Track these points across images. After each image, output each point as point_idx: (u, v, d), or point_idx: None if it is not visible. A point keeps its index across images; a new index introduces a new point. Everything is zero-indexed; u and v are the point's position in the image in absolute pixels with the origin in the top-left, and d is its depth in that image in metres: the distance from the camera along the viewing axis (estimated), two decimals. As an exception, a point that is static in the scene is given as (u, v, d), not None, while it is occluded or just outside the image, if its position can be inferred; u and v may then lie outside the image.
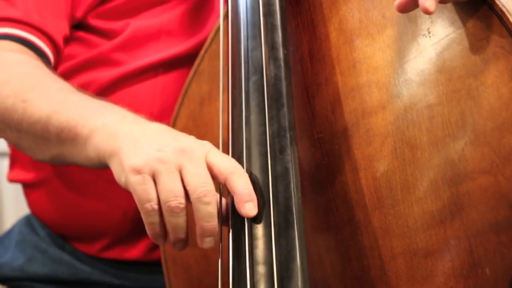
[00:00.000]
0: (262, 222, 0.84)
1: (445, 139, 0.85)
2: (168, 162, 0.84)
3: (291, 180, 0.86)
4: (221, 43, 1.03)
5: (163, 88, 1.21)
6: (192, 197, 0.84)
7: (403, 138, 0.88)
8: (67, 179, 1.24)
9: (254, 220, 0.84)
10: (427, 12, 0.80)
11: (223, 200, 0.88)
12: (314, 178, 0.97)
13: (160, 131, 0.90)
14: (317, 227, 0.96)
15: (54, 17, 1.16)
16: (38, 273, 1.26)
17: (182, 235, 0.86)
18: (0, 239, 1.35)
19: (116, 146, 0.88)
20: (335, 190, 0.94)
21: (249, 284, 0.81)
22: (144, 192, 0.84)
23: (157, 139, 0.88)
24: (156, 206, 0.84)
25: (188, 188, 0.84)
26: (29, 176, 1.27)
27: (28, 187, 1.29)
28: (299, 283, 0.80)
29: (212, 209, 0.84)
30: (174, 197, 0.83)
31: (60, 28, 1.17)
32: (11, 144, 1.12)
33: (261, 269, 0.81)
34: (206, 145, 0.88)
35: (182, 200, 0.84)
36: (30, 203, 1.30)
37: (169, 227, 0.86)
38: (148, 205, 0.84)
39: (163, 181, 0.83)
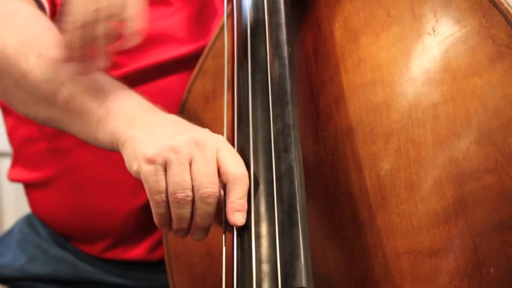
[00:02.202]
0: (266, 220, 0.84)
1: (450, 138, 0.85)
2: (180, 152, 0.84)
3: (295, 178, 0.85)
4: (225, 42, 1.02)
5: (163, 90, 1.21)
6: (196, 194, 0.85)
7: (408, 137, 0.88)
8: (70, 180, 1.23)
9: (258, 218, 0.84)
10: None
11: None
12: (318, 176, 0.96)
13: (176, 121, 0.91)
14: (321, 225, 0.96)
15: None
16: (40, 273, 1.26)
17: (185, 225, 0.87)
18: (0, 239, 1.35)
19: (131, 134, 0.88)
20: (339, 189, 0.94)
21: (254, 283, 0.81)
22: (155, 183, 0.84)
23: (172, 127, 0.88)
24: (165, 198, 0.85)
25: (194, 184, 0.84)
26: (31, 176, 1.26)
27: (29, 187, 1.28)
28: (303, 282, 0.80)
29: (212, 210, 0.85)
30: (182, 189, 0.84)
31: None
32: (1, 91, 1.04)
33: (265, 267, 0.81)
34: (220, 139, 0.88)
35: (189, 193, 0.84)
36: (32, 203, 1.29)
37: (174, 216, 0.86)
38: (158, 197, 0.85)
39: (173, 172, 0.84)
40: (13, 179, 1.31)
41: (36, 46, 0.97)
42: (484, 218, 0.82)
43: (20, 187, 1.34)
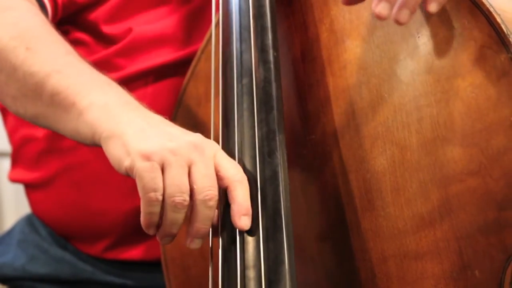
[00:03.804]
0: (251, 225, 0.84)
1: (434, 140, 0.84)
2: (180, 154, 0.82)
3: (280, 183, 0.85)
4: (213, 48, 1.02)
5: (156, 93, 1.21)
6: (197, 197, 0.83)
7: (393, 140, 0.87)
8: (70, 180, 1.24)
9: None
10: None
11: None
12: (305, 180, 0.96)
13: (165, 122, 0.89)
14: (308, 229, 0.96)
15: None
16: (40, 273, 1.27)
17: (175, 230, 0.85)
18: (1, 239, 1.36)
19: (118, 129, 0.85)
20: (327, 192, 0.94)
21: (238, 288, 0.81)
22: (151, 180, 0.81)
23: (166, 129, 0.86)
24: (160, 197, 0.82)
25: (195, 187, 0.83)
26: (31, 176, 1.27)
27: (30, 188, 1.29)
28: (287, 287, 0.80)
29: (212, 214, 0.84)
30: (180, 192, 0.82)
31: None
32: None
33: (250, 273, 0.81)
34: (215, 145, 0.87)
35: (187, 197, 0.82)
36: (32, 203, 1.30)
37: (166, 220, 0.84)
38: (152, 195, 0.82)
39: (172, 174, 0.82)
40: (13, 180, 1.31)
41: (26, 40, 0.97)
42: (469, 220, 0.82)
43: (20, 187, 1.35)
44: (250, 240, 0.83)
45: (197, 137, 0.86)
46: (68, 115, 0.90)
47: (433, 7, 0.82)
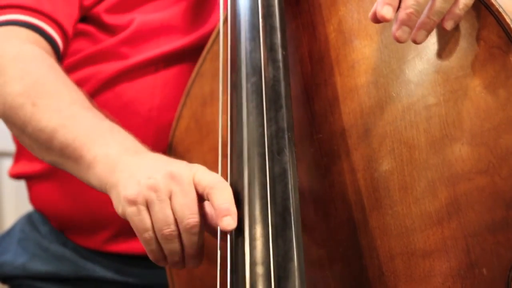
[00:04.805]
0: (260, 223, 0.84)
1: (443, 139, 0.85)
2: (158, 189, 0.87)
3: (289, 181, 0.86)
4: (220, 46, 1.03)
5: (165, 81, 1.22)
6: (180, 226, 0.88)
7: (401, 139, 0.88)
8: None
9: (252, 221, 0.85)
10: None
11: None
12: (313, 179, 0.97)
13: (156, 159, 0.94)
14: (316, 227, 0.96)
15: (64, 4, 1.18)
16: (40, 271, 1.27)
17: (178, 258, 0.90)
18: (1, 238, 1.36)
19: (115, 178, 0.92)
20: (334, 191, 0.94)
21: (247, 285, 0.81)
22: (140, 222, 0.88)
23: (150, 167, 0.91)
24: (153, 235, 0.89)
25: (176, 217, 0.87)
26: (36, 167, 1.27)
27: (32, 180, 1.30)
28: (296, 283, 0.81)
29: (197, 239, 0.88)
30: (166, 225, 0.87)
31: (70, 16, 1.18)
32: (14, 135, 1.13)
33: (259, 269, 0.82)
34: (194, 167, 0.90)
35: (174, 227, 0.88)
36: (33, 196, 1.30)
37: (166, 251, 0.90)
38: (146, 235, 0.88)
39: (156, 210, 0.87)
40: (15, 174, 1.32)
41: (32, 95, 1.03)
42: (477, 219, 0.82)
43: (19, 187, 1.35)
44: (259, 237, 0.83)
45: (176, 166, 0.90)
46: (78, 166, 0.97)
47: (449, 25, 0.85)
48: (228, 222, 0.85)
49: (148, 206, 0.88)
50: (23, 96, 1.02)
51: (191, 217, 0.87)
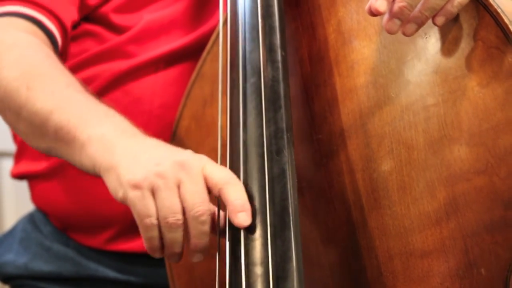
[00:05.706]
0: (259, 223, 0.84)
1: (441, 140, 0.85)
2: (166, 176, 0.85)
3: (288, 181, 0.86)
4: (220, 47, 1.03)
5: (172, 79, 1.22)
6: (189, 214, 0.85)
7: (400, 139, 0.88)
8: (75, 168, 1.24)
9: (251, 221, 0.85)
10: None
11: (221, 212, 0.89)
12: (312, 179, 0.97)
13: (157, 145, 0.92)
14: (315, 227, 0.96)
15: (64, 0, 1.17)
16: (42, 271, 1.27)
17: (178, 249, 0.88)
18: (3, 238, 1.36)
19: (113, 160, 0.89)
20: (333, 191, 0.94)
21: (245, 285, 0.81)
22: (144, 207, 0.85)
23: (155, 153, 0.89)
24: (155, 221, 0.86)
25: (185, 205, 0.85)
26: (37, 167, 1.27)
27: (34, 179, 1.29)
28: (295, 284, 0.81)
29: (206, 228, 0.86)
30: (172, 213, 0.85)
31: (70, 12, 1.18)
32: (9, 125, 1.11)
33: (257, 270, 0.82)
34: (203, 158, 0.89)
35: (180, 216, 0.85)
36: (36, 195, 1.30)
37: (166, 241, 0.87)
38: (147, 220, 0.85)
39: (162, 197, 0.85)
40: (17, 174, 1.31)
41: (27, 79, 1.02)
42: (475, 219, 0.83)
43: (20, 187, 1.34)
44: (257, 237, 0.84)
45: (184, 155, 0.88)
46: (72, 149, 0.95)
47: (440, 21, 0.85)
48: (244, 218, 0.84)
49: (153, 193, 0.85)
50: (18, 80, 1.02)
51: (201, 205, 0.85)
